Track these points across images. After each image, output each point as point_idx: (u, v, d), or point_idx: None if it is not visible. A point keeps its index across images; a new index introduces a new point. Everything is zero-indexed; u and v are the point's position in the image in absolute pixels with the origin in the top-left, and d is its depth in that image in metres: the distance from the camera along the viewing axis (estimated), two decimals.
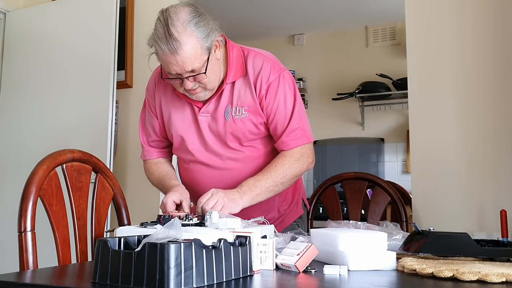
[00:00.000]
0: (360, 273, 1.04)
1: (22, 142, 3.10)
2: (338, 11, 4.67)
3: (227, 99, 1.57)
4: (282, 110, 1.57)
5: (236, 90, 1.57)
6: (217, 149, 1.60)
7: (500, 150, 2.18)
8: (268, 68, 1.57)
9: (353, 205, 2.10)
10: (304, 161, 1.59)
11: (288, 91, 1.59)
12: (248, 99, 1.56)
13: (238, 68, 1.57)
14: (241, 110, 1.56)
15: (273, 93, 1.56)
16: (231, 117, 1.56)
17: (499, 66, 2.22)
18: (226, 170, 1.61)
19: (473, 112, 2.24)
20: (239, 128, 1.56)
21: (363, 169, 4.45)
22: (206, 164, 1.62)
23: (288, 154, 1.57)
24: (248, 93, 1.56)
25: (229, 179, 1.58)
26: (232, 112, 1.56)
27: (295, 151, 1.58)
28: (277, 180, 1.53)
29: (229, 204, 1.41)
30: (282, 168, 1.54)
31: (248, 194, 1.47)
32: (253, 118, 1.56)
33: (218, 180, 1.59)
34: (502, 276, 0.90)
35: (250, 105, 1.56)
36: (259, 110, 1.56)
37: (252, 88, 1.56)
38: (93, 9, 3.00)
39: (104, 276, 0.87)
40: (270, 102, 1.56)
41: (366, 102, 4.88)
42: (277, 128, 1.58)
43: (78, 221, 1.43)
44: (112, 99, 2.85)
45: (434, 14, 2.36)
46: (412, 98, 2.37)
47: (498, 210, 1.63)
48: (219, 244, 0.91)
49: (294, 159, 1.56)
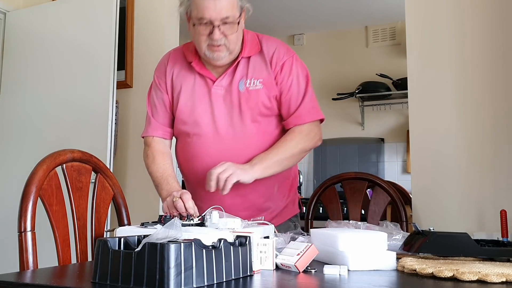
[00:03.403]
0: (360, 273, 1.04)
1: (22, 142, 3.10)
2: (338, 11, 4.67)
3: (242, 72, 1.63)
4: (296, 86, 1.64)
5: (251, 64, 1.63)
6: (226, 121, 1.62)
7: (500, 150, 2.18)
8: (282, 49, 1.67)
9: (353, 205, 2.10)
10: (312, 137, 1.65)
11: (300, 71, 1.68)
12: (264, 72, 1.62)
13: (253, 45, 1.65)
14: (255, 82, 1.62)
15: (288, 70, 1.64)
16: (245, 88, 1.62)
17: (499, 66, 2.22)
18: (232, 144, 1.61)
19: (473, 112, 2.24)
20: (253, 99, 1.61)
21: (363, 169, 4.45)
22: (212, 137, 1.62)
23: (297, 130, 1.63)
24: (263, 67, 1.63)
25: (234, 154, 1.59)
26: (247, 84, 1.62)
27: (304, 127, 1.63)
28: (287, 153, 1.59)
29: (238, 172, 1.46)
30: (291, 142, 1.60)
31: (259, 165, 1.52)
32: (267, 90, 1.62)
33: (222, 154, 1.58)
34: (502, 276, 0.90)
35: (265, 78, 1.62)
36: (273, 84, 1.62)
37: (267, 63, 1.63)
38: (93, 9, 3.00)
39: (104, 276, 0.87)
40: (284, 77, 1.63)
41: (366, 102, 4.88)
42: (291, 103, 1.64)
43: (78, 221, 1.43)
44: (112, 99, 2.85)
45: (434, 14, 2.36)
46: (412, 98, 2.37)
47: (498, 210, 1.63)
48: (219, 244, 0.91)
49: (303, 134, 1.63)
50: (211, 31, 1.51)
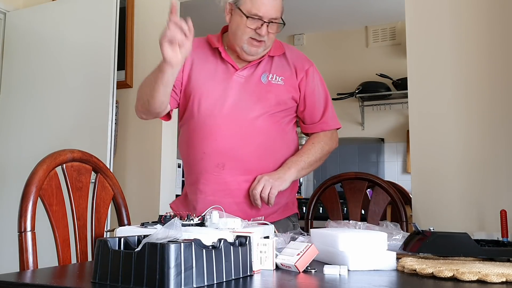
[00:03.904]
0: (360, 273, 1.04)
1: (22, 142, 3.10)
2: (338, 11, 4.66)
3: (265, 68, 1.70)
4: (319, 93, 1.76)
5: (275, 63, 1.72)
6: (243, 107, 1.64)
7: (500, 150, 2.18)
8: (304, 57, 1.80)
9: (353, 205, 2.10)
10: (334, 140, 1.79)
11: (320, 80, 1.80)
12: (286, 72, 1.71)
13: (277, 47, 1.74)
14: (277, 78, 1.70)
15: (312, 77, 1.74)
16: (267, 81, 1.68)
17: (499, 66, 2.22)
18: (243, 130, 1.63)
19: (473, 112, 2.24)
20: (274, 91, 1.67)
21: (363, 169, 4.44)
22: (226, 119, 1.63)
23: (322, 134, 1.76)
24: (286, 68, 1.72)
25: (243, 139, 1.62)
26: (269, 77, 1.69)
27: (328, 132, 1.77)
28: (317, 155, 1.71)
29: (276, 183, 1.58)
30: (319, 145, 1.73)
31: (294, 168, 1.64)
32: (287, 89, 1.69)
33: (233, 136, 1.62)
34: (502, 276, 0.90)
35: (286, 77, 1.70)
36: (294, 86, 1.71)
37: (290, 66, 1.73)
38: (93, 9, 3.00)
39: (104, 276, 0.87)
40: (309, 83, 1.73)
41: (366, 102, 4.88)
42: (315, 108, 1.75)
43: (78, 221, 1.43)
44: (112, 99, 2.85)
45: (434, 14, 2.36)
46: (412, 98, 2.37)
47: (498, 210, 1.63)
48: (219, 244, 0.91)
49: (327, 138, 1.77)
50: (259, 26, 1.60)
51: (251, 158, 1.63)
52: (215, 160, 1.62)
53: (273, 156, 1.67)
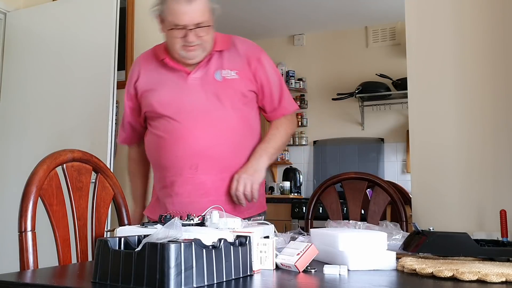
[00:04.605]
0: (360, 273, 1.04)
1: (22, 142, 3.10)
2: (338, 11, 4.67)
3: (216, 64, 1.70)
4: (274, 79, 1.76)
5: (225, 57, 1.72)
6: (206, 108, 1.67)
7: (500, 150, 2.18)
8: (254, 45, 1.80)
9: (353, 205, 2.10)
10: (294, 123, 1.86)
11: (273, 65, 1.80)
12: (239, 64, 1.71)
13: (225, 40, 1.74)
14: (231, 73, 1.70)
15: (264, 65, 1.75)
16: (222, 77, 1.69)
17: (499, 66, 2.22)
18: (212, 130, 1.66)
19: (473, 112, 2.24)
20: (230, 87, 1.68)
21: (363, 169, 4.43)
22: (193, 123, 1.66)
23: (283, 119, 1.79)
24: (238, 60, 1.72)
25: (214, 138, 1.65)
26: (223, 73, 1.69)
27: (288, 116, 1.81)
28: (283, 139, 1.76)
29: (254, 178, 1.63)
30: (283, 130, 1.78)
31: (265, 156, 1.68)
32: (242, 82, 1.70)
33: (202, 138, 1.64)
34: (502, 276, 0.90)
35: (240, 70, 1.70)
36: (249, 77, 1.72)
37: (242, 58, 1.72)
38: (93, 9, 3.00)
39: (104, 276, 0.88)
40: (263, 71, 1.74)
41: (366, 102, 4.88)
42: (273, 94, 1.76)
43: (79, 221, 1.43)
44: (112, 99, 2.85)
45: (434, 14, 2.36)
46: (412, 98, 2.37)
47: (498, 210, 1.63)
48: (219, 244, 0.91)
49: (288, 121, 1.81)
50: (186, 34, 1.60)
51: (223, 155, 1.65)
52: (188, 162, 1.64)
53: (244, 150, 1.70)
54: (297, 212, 4.34)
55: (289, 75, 5.19)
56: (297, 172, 5.02)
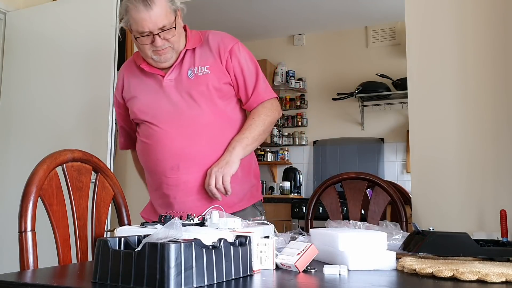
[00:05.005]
0: (360, 273, 1.04)
1: (22, 141, 3.10)
2: (338, 12, 4.67)
3: (189, 63, 1.71)
4: (247, 69, 1.74)
5: (197, 54, 1.72)
6: (181, 108, 1.69)
7: (500, 150, 2.18)
8: (227, 37, 1.77)
9: (353, 205, 2.10)
10: (274, 110, 1.78)
11: (247, 54, 1.77)
12: (210, 59, 1.71)
13: (197, 38, 1.74)
14: (203, 69, 1.71)
15: (236, 55, 1.73)
16: (194, 75, 1.70)
17: (499, 66, 2.22)
18: (190, 128, 1.67)
19: (473, 112, 2.24)
20: (202, 83, 1.69)
21: (363, 169, 4.44)
22: (171, 124, 1.68)
23: (260, 107, 1.75)
24: (209, 55, 1.72)
25: (194, 136, 1.66)
26: (195, 71, 1.70)
27: (266, 104, 1.76)
28: (259, 128, 1.71)
29: (225, 170, 1.60)
30: (260, 117, 1.72)
31: (238, 147, 1.65)
32: (215, 76, 1.69)
33: (182, 138, 1.66)
34: (502, 276, 0.90)
35: (211, 64, 1.70)
36: (221, 70, 1.71)
37: (213, 52, 1.72)
38: (93, 9, 3.00)
39: (104, 276, 0.88)
40: (235, 62, 1.72)
41: (366, 102, 4.89)
42: (247, 84, 1.74)
43: (79, 221, 1.43)
44: (112, 99, 2.85)
45: (434, 14, 2.36)
46: (412, 98, 2.37)
47: (498, 210, 1.63)
48: (219, 244, 0.91)
49: (267, 109, 1.75)
50: (153, 39, 1.62)
51: (201, 153, 1.66)
52: (169, 163, 1.66)
53: (223, 145, 1.68)
54: (297, 212, 4.34)
55: (289, 75, 5.19)
56: (297, 172, 5.02)
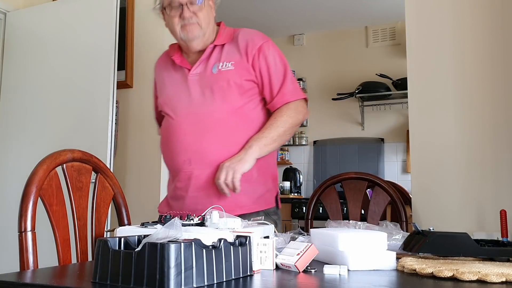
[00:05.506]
0: (360, 273, 1.04)
1: (22, 142, 3.10)
2: (338, 11, 4.67)
3: (216, 58, 1.73)
4: (275, 68, 1.72)
5: (225, 50, 1.74)
6: (200, 101, 1.70)
7: (500, 150, 2.18)
8: (257, 35, 1.76)
9: (353, 205, 2.10)
10: (299, 112, 1.73)
11: (277, 54, 1.76)
12: (236, 56, 1.72)
13: (228, 35, 1.76)
14: (227, 64, 1.71)
15: (265, 54, 1.72)
16: (218, 70, 1.71)
17: (499, 66, 2.22)
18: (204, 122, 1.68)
19: (473, 112, 2.24)
20: (224, 78, 1.69)
21: (363, 169, 4.44)
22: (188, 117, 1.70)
23: (284, 108, 1.71)
24: (236, 52, 1.72)
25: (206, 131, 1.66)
26: (219, 66, 1.71)
27: (291, 105, 1.71)
28: (279, 129, 1.67)
29: (237, 167, 1.57)
30: (281, 118, 1.69)
31: (255, 146, 1.62)
32: (238, 72, 1.70)
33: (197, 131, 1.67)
34: (502, 276, 0.90)
35: (236, 61, 1.71)
36: (247, 67, 1.70)
37: (240, 49, 1.72)
38: (93, 9, 3.00)
39: (104, 276, 0.88)
40: (262, 60, 1.71)
41: (366, 102, 4.89)
42: (272, 84, 1.72)
43: (78, 221, 1.43)
44: (112, 99, 2.85)
45: (434, 14, 2.36)
46: (412, 98, 2.37)
47: (498, 210, 1.63)
48: (219, 244, 0.91)
49: (291, 110, 1.71)
50: (181, 12, 1.67)
51: (210, 149, 1.65)
52: (182, 157, 1.68)
53: (236, 142, 1.66)
54: (297, 212, 4.34)
55: None
56: (297, 172, 5.02)
